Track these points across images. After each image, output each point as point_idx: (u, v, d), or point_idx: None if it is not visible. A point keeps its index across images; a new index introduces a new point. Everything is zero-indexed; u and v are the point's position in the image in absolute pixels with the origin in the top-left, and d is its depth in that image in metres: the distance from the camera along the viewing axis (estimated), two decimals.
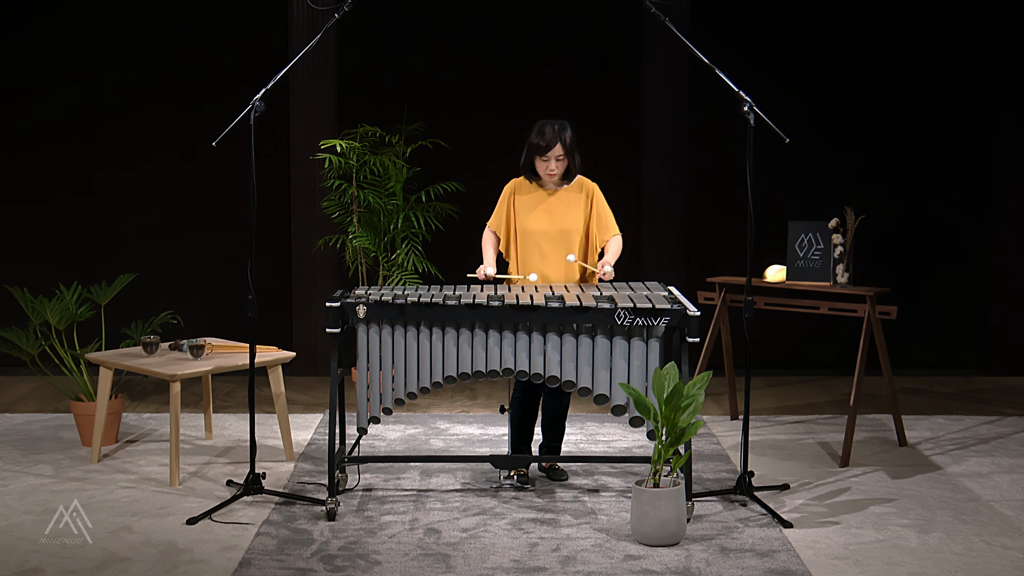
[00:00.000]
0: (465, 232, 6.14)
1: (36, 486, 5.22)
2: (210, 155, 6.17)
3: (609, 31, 7.72)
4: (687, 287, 7.13)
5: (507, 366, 4.77)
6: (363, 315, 4.81)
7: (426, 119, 7.42)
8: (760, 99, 5.20)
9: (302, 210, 7.61)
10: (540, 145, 5.07)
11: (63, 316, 5.87)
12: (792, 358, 7.87)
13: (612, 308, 4.68)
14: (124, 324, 6.15)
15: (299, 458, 5.69)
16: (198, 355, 5.48)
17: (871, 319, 5.66)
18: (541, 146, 5.07)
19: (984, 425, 6.44)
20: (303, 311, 7.67)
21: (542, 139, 5.07)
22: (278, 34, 7.57)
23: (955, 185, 7.79)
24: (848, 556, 4.42)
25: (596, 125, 7.55)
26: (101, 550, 4.44)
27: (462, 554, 4.41)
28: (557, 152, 5.07)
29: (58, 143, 7.67)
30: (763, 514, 4.85)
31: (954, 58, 7.71)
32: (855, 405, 5.66)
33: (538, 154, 5.09)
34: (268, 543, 4.51)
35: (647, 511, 4.48)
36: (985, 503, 5.05)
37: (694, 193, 7.76)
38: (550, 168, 5.10)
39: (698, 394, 4.53)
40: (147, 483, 5.28)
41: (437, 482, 5.29)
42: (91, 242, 7.71)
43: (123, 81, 7.63)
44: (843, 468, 5.57)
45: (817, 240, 5.95)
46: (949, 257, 7.83)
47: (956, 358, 7.90)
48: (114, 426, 5.92)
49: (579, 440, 6.08)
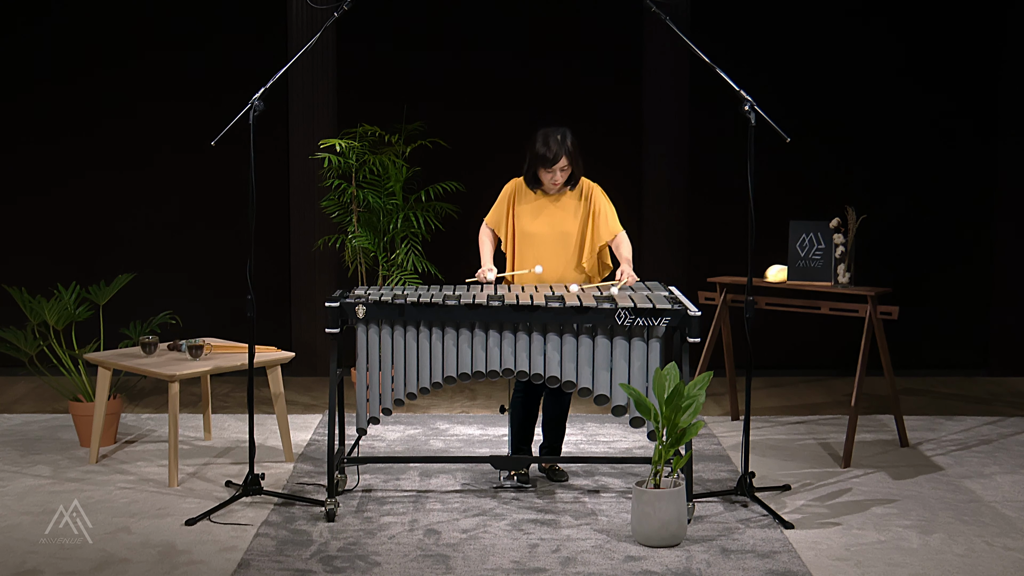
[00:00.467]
0: (465, 232, 6.13)
1: (34, 487, 5.22)
2: (209, 155, 6.17)
3: (610, 30, 7.72)
4: (688, 287, 7.14)
5: (507, 366, 4.76)
6: (362, 315, 4.81)
7: (426, 118, 7.42)
8: (761, 98, 5.20)
9: (301, 210, 7.61)
10: (546, 157, 5.02)
11: (61, 316, 5.87)
12: (793, 358, 7.86)
13: (612, 308, 4.68)
14: (123, 324, 6.15)
15: (298, 459, 5.69)
16: (197, 355, 5.48)
17: (872, 319, 5.66)
18: (547, 158, 5.02)
19: (986, 426, 6.44)
20: (302, 311, 7.67)
21: (548, 151, 5.01)
22: (278, 33, 7.57)
23: (957, 184, 7.79)
24: (849, 557, 4.42)
25: (596, 124, 7.55)
26: (99, 551, 4.44)
27: (462, 555, 4.41)
28: (562, 164, 5.05)
29: (56, 142, 7.66)
30: (764, 515, 4.85)
31: (957, 57, 7.70)
32: (856, 405, 5.65)
33: (543, 166, 5.05)
34: (267, 544, 4.51)
35: (648, 512, 4.48)
36: (987, 504, 5.05)
37: (695, 192, 7.76)
38: (555, 179, 5.08)
39: (699, 394, 4.53)
40: (146, 484, 5.28)
41: (437, 483, 5.29)
42: (89, 242, 7.71)
43: (122, 79, 7.62)
44: (844, 469, 5.57)
45: (818, 240, 5.95)
46: (951, 256, 7.82)
47: (958, 358, 7.89)
48: (112, 427, 5.92)
49: (579, 441, 6.08)
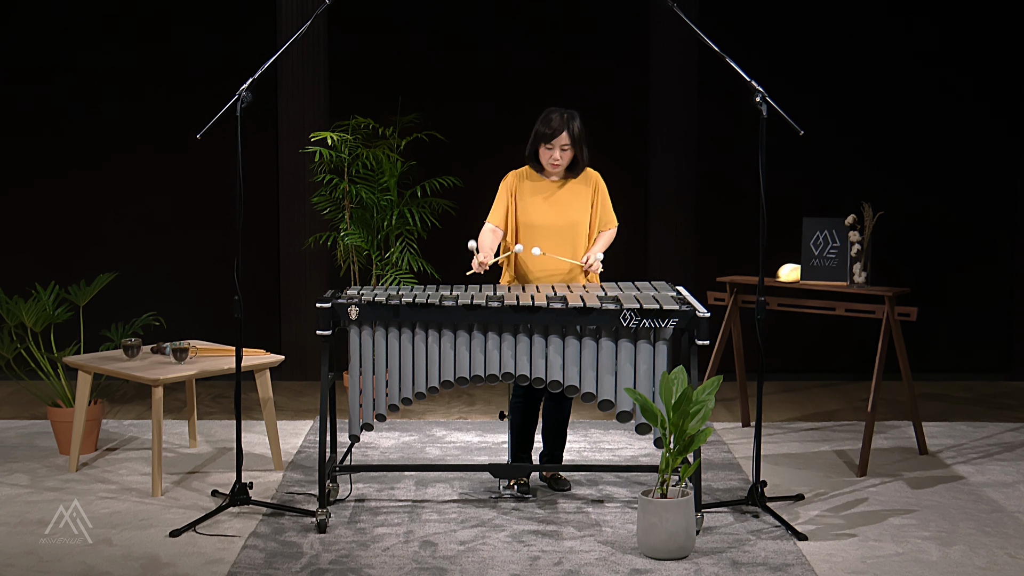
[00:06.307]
0: (463, 229, 6.13)
1: (11, 496, 5.21)
2: (195, 148, 6.17)
3: (615, 18, 7.72)
4: (696, 287, 7.11)
5: (507, 370, 4.76)
6: (355, 316, 4.80)
7: (422, 110, 7.42)
8: (773, 89, 5.19)
9: (291, 206, 7.62)
10: (545, 133, 5.07)
11: (39, 317, 5.86)
12: (807, 362, 7.87)
13: (617, 309, 4.68)
14: (104, 326, 6.15)
15: (288, 467, 5.69)
16: (182, 359, 5.48)
17: (890, 321, 5.66)
18: (546, 133, 5.07)
19: (1008, 432, 6.44)
20: (292, 312, 7.67)
21: (548, 126, 5.07)
22: (267, 22, 7.57)
23: (978, 180, 7.79)
24: (866, 570, 4.42)
25: (601, 117, 7.53)
26: (80, 563, 4.43)
27: (459, 568, 4.40)
28: (563, 141, 5.06)
29: (35, 136, 7.66)
30: (776, 526, 4.85)
31: (979, 49, 7.71)
32: (873, 411, 5.66)
33: (543, 142, 5.09)
34: (255, 556, 4.51)
35: (654, 523, 4.48)
36: (1010, 514, 5.05)
37: (703, 188, 7.76)
38: (554, 157, 5.09)
39: (708, 400, 4.53)
40: (128, 493, 5.28)
41: (433, 492, 5.29)
42: (69, 240, 7.71)
43: (104, 71, 7.62)
44: (860, 477, 5.57)
45: (833, 238, 5.95)
46: (972, 256, 7.83)
47: (979, 362, 7.89)
48: (93, 433, 5.92)
49: (582, 448, 6.08)
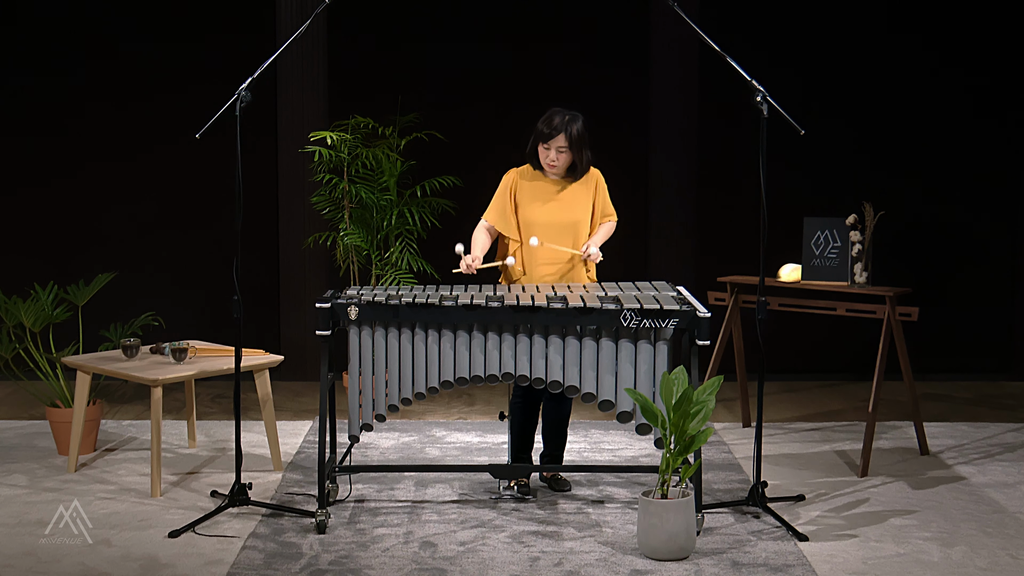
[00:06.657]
0: (463, 229, 6.12)
1: (9, 497, 5.22)
2: (194, 148, 6.16)
3: (615, 18, 7.72)
4: (697, 287, 7.12)
5: (507, 370, 4.76)
6: (355, 316, 4.81)
7: (421, 110, 7.42)
8: (774, 88, 5.20)
9: (291, 206, 7.62)
10: (544, 132, 5.08)
11: (38, 318, 5.86)
12: (808, 362, 7.87)
13: (618, 309, 4.68)
14: (103, 326, 6.15)
15: (287, 467, 5.69)
16: (181, 359, 5.48)
17: (891, 321, 5.66)
18: (545, 133, 5.08)
19: (1010, 433, 6.44)
20: (291, 312, 7.67)
21: (548, 126, 5.08)
22: (266, 22, 7.56)
23: (980, 180, 7.79)
24: (867, 571, 4.42)
25: (601, 116, 7.51)
26: (78, 564, 4.44)
27: (459, 569, 4.41)
28: (559, 143, 5.07)
29: (35, 136, 7.66)
30: (777, 527, 4.85)
31: (980, 48, 7.70)
32: (874, 412, 5.66)
33: (541, 141, 5.10)
34: (255, 557, 4.51)
35: (655, 523, 4.48)
36: (1011, 515, 5.05)
37: (704, 187, 7.76)
38: (550, 158, 5.10)
39: (708, 400, 4.53)
40: (127, 494, 5.28)
41: (433, 493, 5.29)
42: (68, 239, 7.70)
43: (105, 72, 7.62)
44: (862, 478, 5.57)
45: (834, 237, 5.95)
46: (973, 255, 7.82)
47: (980, 362, 7.89)
48: (92, 434, 5.92)
49: (583, 448, 6.08)
